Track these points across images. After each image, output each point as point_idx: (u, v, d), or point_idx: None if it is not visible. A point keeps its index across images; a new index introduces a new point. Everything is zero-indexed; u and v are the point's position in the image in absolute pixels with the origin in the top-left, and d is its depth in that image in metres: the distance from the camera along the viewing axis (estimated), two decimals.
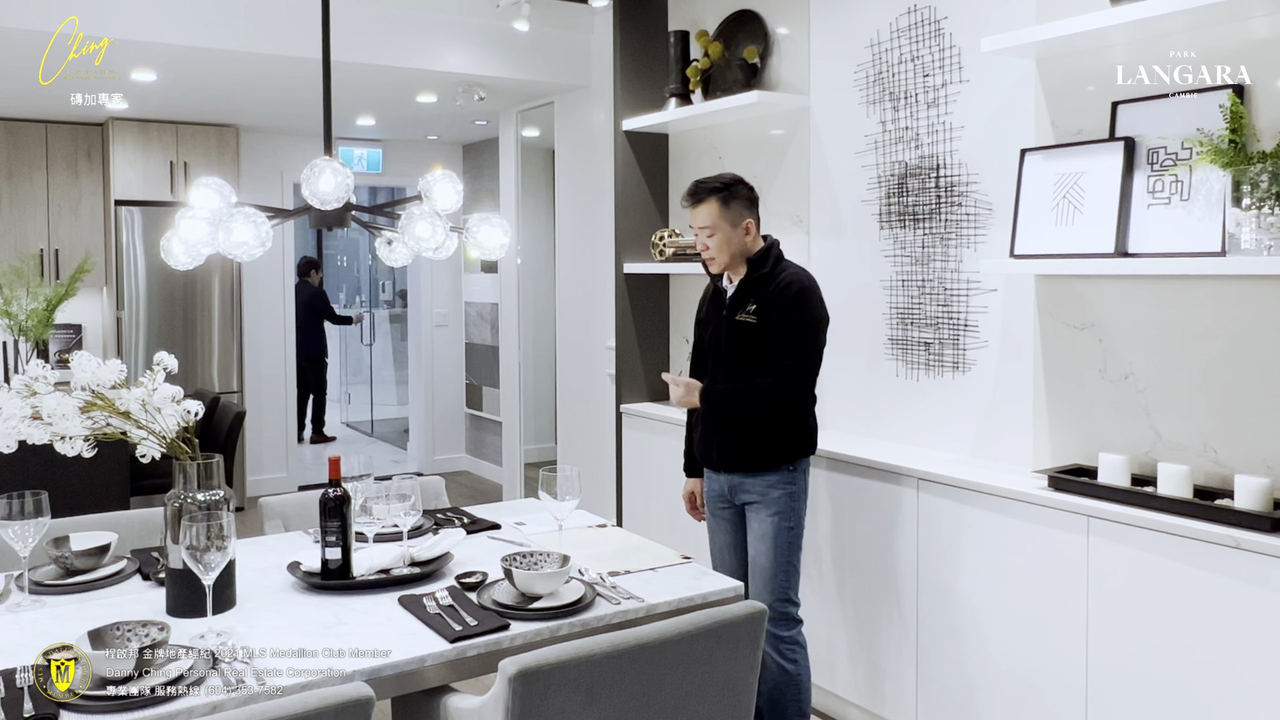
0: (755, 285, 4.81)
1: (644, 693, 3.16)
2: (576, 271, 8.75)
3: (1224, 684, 3.89)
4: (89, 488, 6.82)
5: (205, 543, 3.16)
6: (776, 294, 4.73)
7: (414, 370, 12.73)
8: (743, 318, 4.81)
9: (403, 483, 3.99)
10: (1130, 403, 4.59)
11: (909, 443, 5.61)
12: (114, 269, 9.94)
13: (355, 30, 7.25)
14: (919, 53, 5.55)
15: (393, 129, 11.18)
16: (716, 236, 4.82)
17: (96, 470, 6.70)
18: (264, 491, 10.17)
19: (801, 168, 6.33)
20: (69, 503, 4.76)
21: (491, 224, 4.27)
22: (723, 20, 6.81)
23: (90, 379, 3.51)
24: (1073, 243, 4.59)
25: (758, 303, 4.77)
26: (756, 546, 4.85)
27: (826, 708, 5.63)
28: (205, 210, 3.92)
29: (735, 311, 4.85)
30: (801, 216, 6.31)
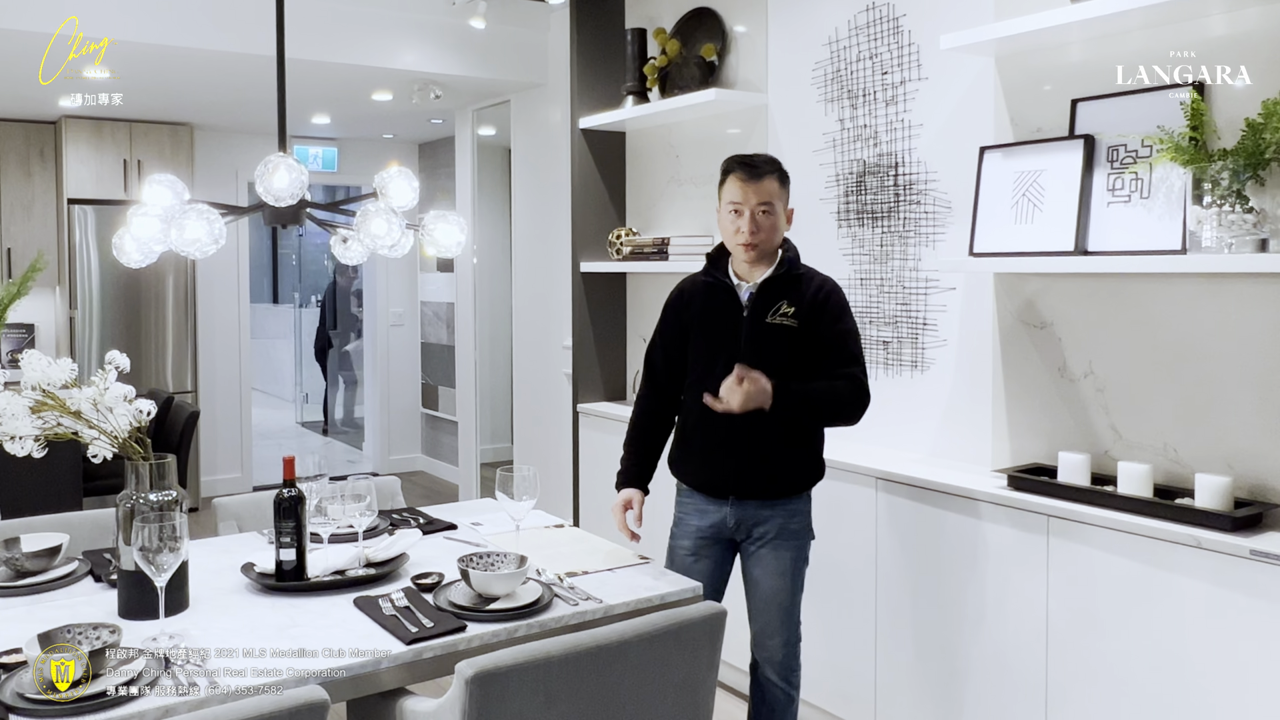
0: (786, 285, 4.42)
1: (602, 694, 3.15)
2: (533, 270, 8.73)
3: (1184, 682, 3.91)
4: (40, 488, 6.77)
5: (158, 544, 3.13)
6: (822, 298, 4.39)
7: (369, 370, 12.71)
8: (778, 320, 4.37)
9: (358, 483, 3.97)
10: (1090, 401, 4.61)
11: (868, 442, 5.56)
12: (67, 268, 9.89)
13: (310, 27, 7.20)
14: (877, 50, 5.54)
15: (348, 127, 11.15)
16: (774, 216, 4.38)
17: (48, 471, 6.61)
18: (218, 492, 10.10)
19: None
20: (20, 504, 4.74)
21: (448, 221, 4.26)
22: (680, 18, 6.80)
23: (41, 378, 3.48)
24: (1032, 241, 4.60)
25: (795, 304, 4.38)
26: (774, 583, 4.45)
27: None
28: (158, 207, 3.89)
29: (764, 313, 4.39)
30: None
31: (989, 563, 4.57)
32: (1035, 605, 4.39)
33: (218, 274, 10.96)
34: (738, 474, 4.41)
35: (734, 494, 4.44)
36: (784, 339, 4.35)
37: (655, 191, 7.24)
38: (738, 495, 4.43)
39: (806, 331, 4.34)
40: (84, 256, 9.88)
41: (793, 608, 4.48)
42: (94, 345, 9.91)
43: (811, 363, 4.35)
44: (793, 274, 4.41)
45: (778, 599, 4.46)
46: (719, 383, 4.22)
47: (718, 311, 4.49)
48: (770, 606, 4.47)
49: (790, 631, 4.50)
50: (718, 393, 4.18)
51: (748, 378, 4.11)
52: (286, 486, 3.73)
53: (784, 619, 4.47)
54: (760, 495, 4.41)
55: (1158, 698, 3.99)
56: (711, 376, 4.34)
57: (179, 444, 7.93)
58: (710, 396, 4.20)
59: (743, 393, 4.10)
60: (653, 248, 6.72)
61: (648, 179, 7.30)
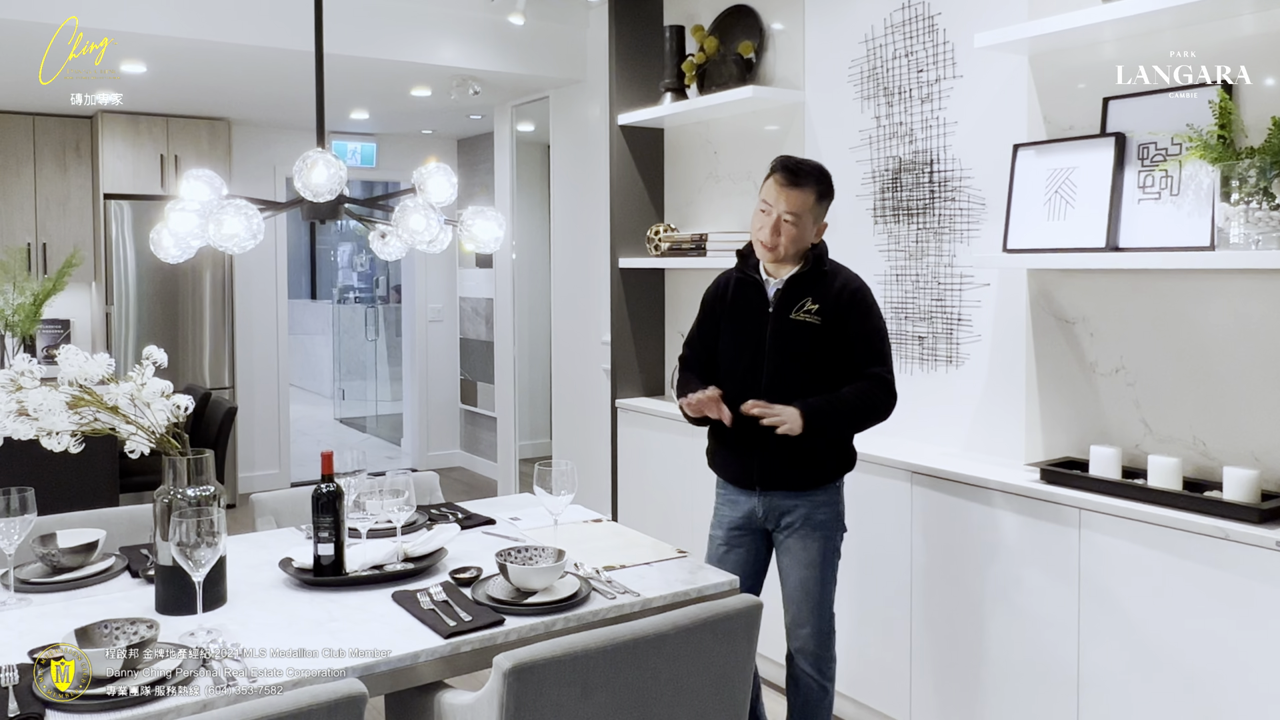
0: (811, 283, 4.48)
1: (639, 687, 3.16)
2: (571, 266, 8.75)
3: (1214, 672, 3.93)
4: (78, 484, 6.77)
5: (195, 539, 3.13)
6: (846, 297, 4.45)
7: (408, 366, 12.70)
8: (801, 316, 4.45)
9: (396, 478, 3.96)
10: (1121, 396, 4.62)
11: (903, 436, 5.60)
12: (103, 264, 9.91)
13: (348, 23, 7.24)
14: (913, 48, 5.55)
15: (387, 123, 11.18)
16: (798, 228, 4.39)
17: (86, 467, 6.63)
18: (256, 488, 10.16)
19: None
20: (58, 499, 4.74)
21: (486, 216, 4.27)
22: (718, 15, 6.81)
23: (78, 373, 3.49)
24: (1064, 237, 4.61)
25: (819, 302, 4.45)
26: (803, 573, 4.52)
27: None
28: (195, 202, 3.90)
29: (789, 309, 4.47)
30: None
31: (1021, 555, 4.58)
32: (1067, 597, 4.40)
33: (256, 270, 10.99)
34: (763, 465, 4.50)
35: (760, 485, 4.54)
36: (807, 335, 4.44)
37: (693, 188, 7.25)
38: (764, 486, 4.53)
39: (830, 329, 4.41)
40: (120, 252, 9.90)
41: (823, 598, 4.52)
42: (130, 341, 9.92)
43: (835, 360, 4.43)
44: (818, 271, 4.47)
45: (806, 588, 4.51)
46: (745, 377, 4.50)
47: (746, 306, 4.61)
48: (799, 596, 4.52)
49: (821, 622, 4.53)
50: (745, 383, 4.47)
51: (767, 414, 4.30)
52: (324, 481, 3.74)
53: (814, 609, 4.52)
54: (786, 486, 4.50)
55: (1188, 688, 4.00)
56: (738, 370, 4.56)
57: (217, 440, 7.92)
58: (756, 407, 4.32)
59: (778, 423, 4.27)
60: (691, 244, 6.72)
61: (686, 175, 7.31)
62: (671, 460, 5.11)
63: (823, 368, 4.42)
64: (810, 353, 4.43)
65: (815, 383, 4.41)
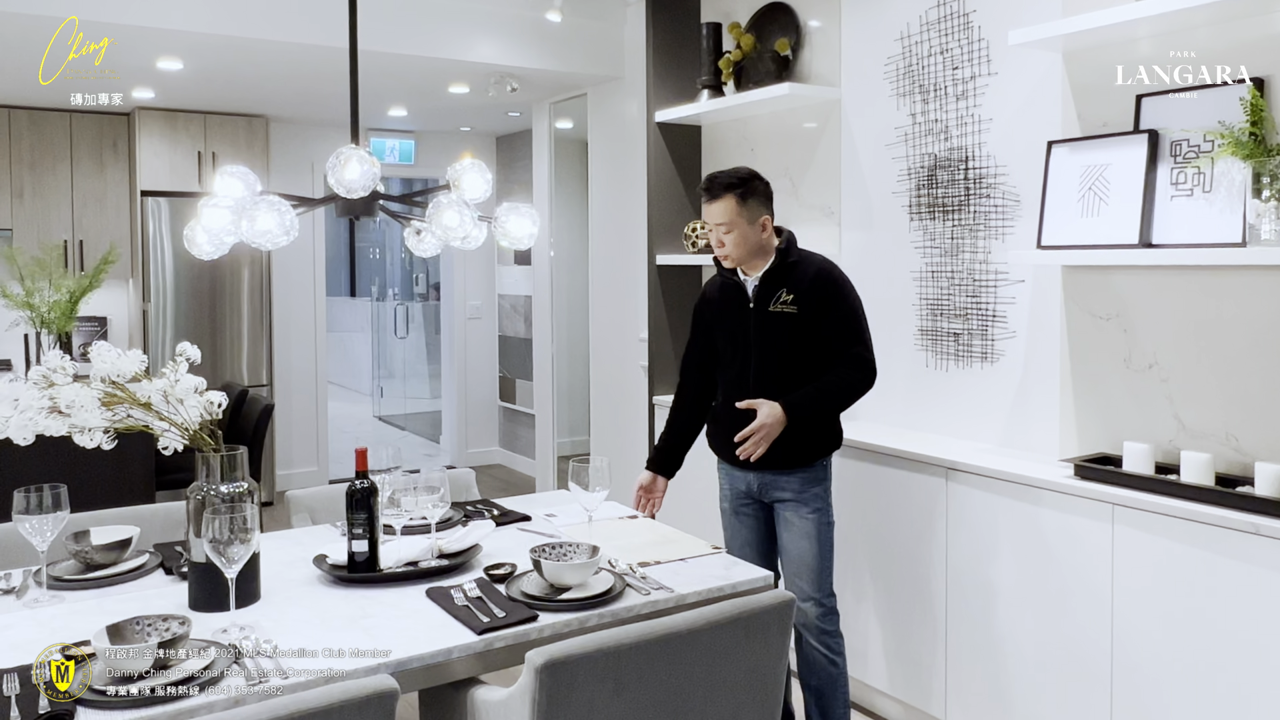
0: (783, 275, 4.72)
1: (672, 683, 3.16)
2: (609, 263, 8.76)
3: (1246, 667, 3.93)
4: (112, 481, 6.77)
5: (228, 535, 3.13)
6: (818, 283, 4.68)
7: (446, 363, 12.72)
8: (779, 308, 4.70)
9: (431, 475, 3.97)
10: (1154, 392, 4.61)
11: (938, 433, 5.63)
12: (140, 261, 9.95)
13: (386, 20, 7.27)
14: (948, 45, 5.54)
15: (425, 120, 11.19)
16: (733, 233, 4.67)
17: (120, 464, 6.61)
18: (294, 486, 10.21)
19: (833, 160, 6.32)
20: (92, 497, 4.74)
21: (520, 213, 4.28)
22: (755, 12, 6.81)
23: (110, 370, 3.50)
24: (1098, 234, 4.60)
25: (794, 292, 4.68)
26: (799, 544, 4.76)
27: (859, 697, 5.63)
28: (229, 198, 3.91)
29: (767, 303, 4.73)
30: (833, 208, 6.31)
31: (1056, 551, 4.58)
32: (1101, 593, 4.41)
33: (293, 267, 11.01)
34: None
35: (754, 464, 4.73)
36: (787, 325, 4.71)
37: None
38: (756, 465, 4.75)
39: (808, 316, 4.69)
40: (158, 249, 9.93)
41: (821, 571, 4.74)
42: (167, 338, 9.93)
43: (817, 344, 4.69)
44: (787, 263, 4.71)
45: (803, 559, 4.75)
46: (737, 371, 4.85)
47: (731, 306, 4.90)
48: (797, 568, 4.76)
49: (823, 596, 4.75)
50: (737, 377, 4.83)
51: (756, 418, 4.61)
52: (359, 478, 3.76)
53: (813, 581, 4.74)
54: (773, 466, 4.76)
55: (1220, 682, 4.00)
56: (731, 365, 4.89)
57: (253, 438, 7.94)
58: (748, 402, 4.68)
59: (764, 440, 4.59)
60: None
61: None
62: (706, 457, 5.10)
63: (806, 353, 4.70)
64: (792, 341, 4.71)
65: (800, 368, 4.71)
